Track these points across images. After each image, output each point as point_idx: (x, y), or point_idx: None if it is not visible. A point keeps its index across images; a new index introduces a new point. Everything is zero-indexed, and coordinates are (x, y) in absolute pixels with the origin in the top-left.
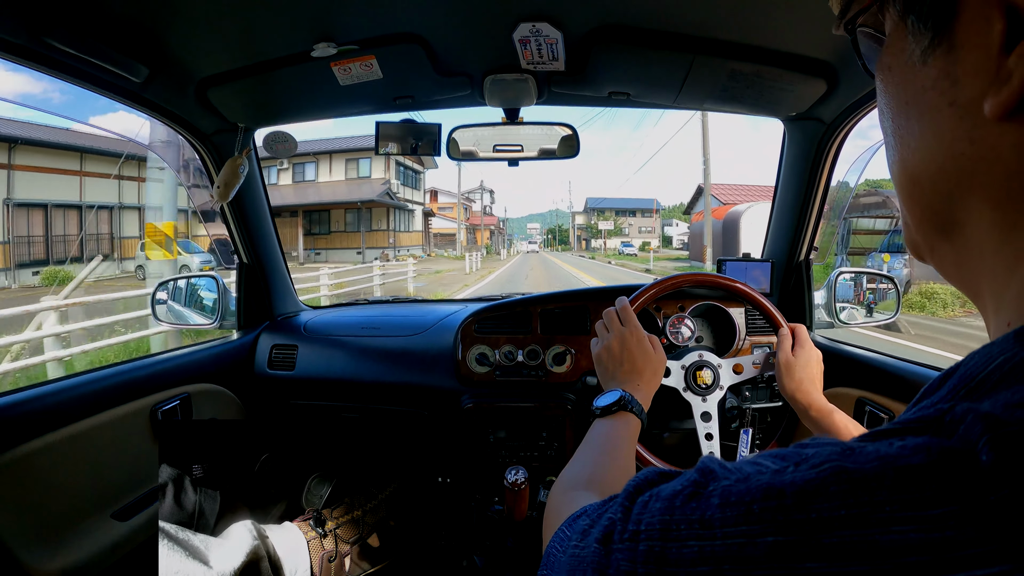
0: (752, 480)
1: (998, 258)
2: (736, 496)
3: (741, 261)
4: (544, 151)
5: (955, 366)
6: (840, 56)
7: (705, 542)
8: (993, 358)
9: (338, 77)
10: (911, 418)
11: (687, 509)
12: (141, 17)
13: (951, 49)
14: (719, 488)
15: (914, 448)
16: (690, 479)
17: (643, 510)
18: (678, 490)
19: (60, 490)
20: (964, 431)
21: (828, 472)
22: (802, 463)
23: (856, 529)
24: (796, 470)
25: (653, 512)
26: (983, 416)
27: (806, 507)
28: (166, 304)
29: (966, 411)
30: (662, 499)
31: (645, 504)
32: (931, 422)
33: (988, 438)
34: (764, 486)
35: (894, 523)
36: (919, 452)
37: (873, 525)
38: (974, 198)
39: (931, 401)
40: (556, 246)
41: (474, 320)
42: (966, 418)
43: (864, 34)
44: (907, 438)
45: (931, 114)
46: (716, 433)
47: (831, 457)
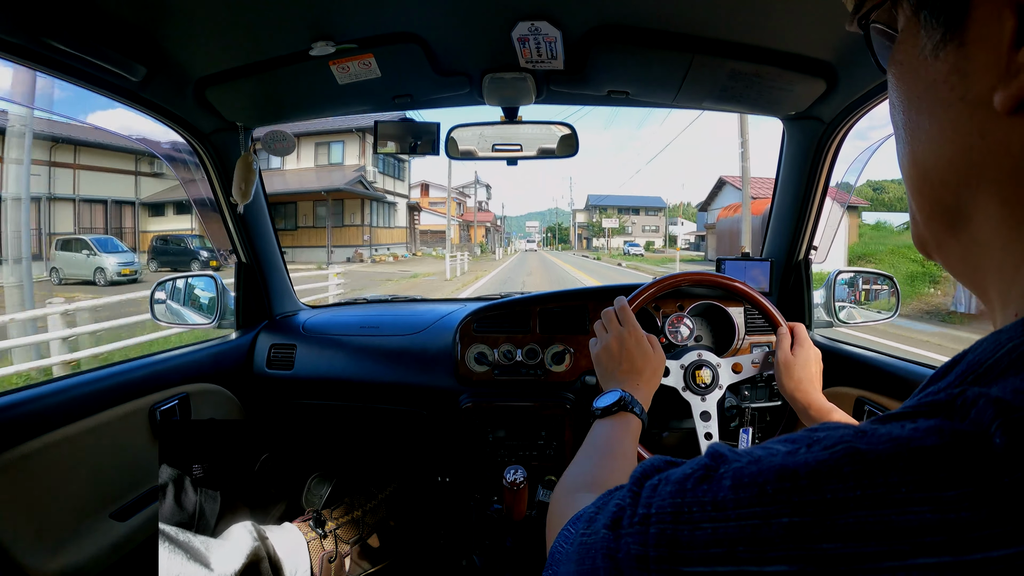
0: (764, 462)
1: (1005, 254)
2: (749, 477)
3: (740, 260)
4: (543, 150)
5: (963, 353)
6: (840, 55)
7: (719, 523)
8: (1001, 345)
9: (336, 76)
10: (921, 402)
11: (699, 491)
12: (139, 17)
13: (962, 44)
14: (731, 470)
15: (927, 430)
16: (700, 463)
17: (652, 494)
18: (688, 473)
19: (58, 490)
20: (976, 415)
21: (841, 453)
22: (814, 444)
23: (871, 509)
24: (808, 451)
25: (663, 495)
26: (995, 401)
27: (820, 488)
28: (165, 304)
29: (977, 395)
30: (672, 482)
31: (655, 488)
32: (942, 405)
33: (1000, 422)
34: (777, 467)
35: (909, 503)
36: (932, 434)
37: (888, 505)
38: (983, 193)
39: (939, 387)
40: (556, 245)
41: (473, 319)
42: (978, 402)
43: (877, 30)
44: (919, 420)
45: (942, 108)
46: (716, 432)
47: (844, 439)
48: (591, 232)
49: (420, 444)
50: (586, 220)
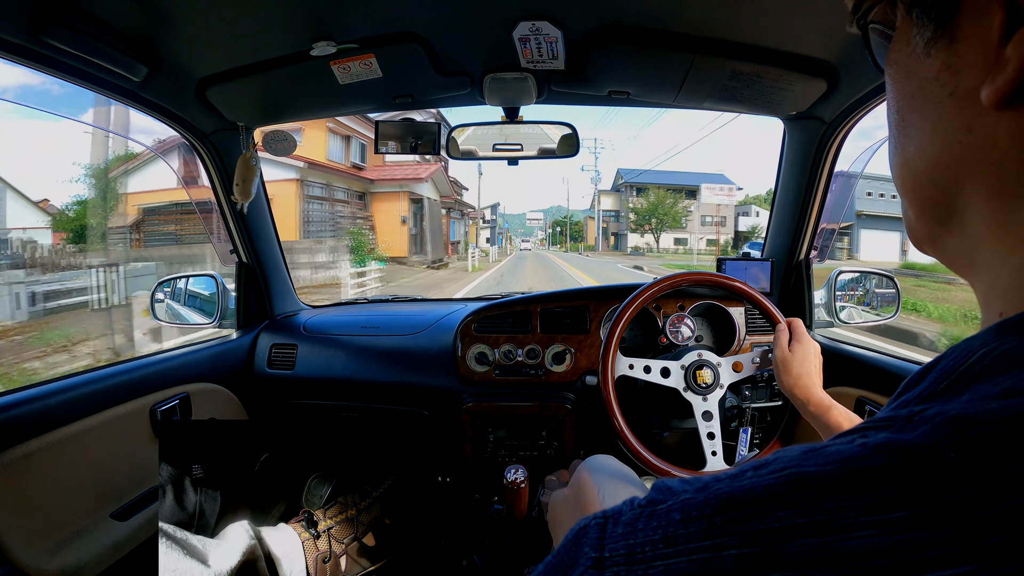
0: (711, 489)
1: (993, 248)
2: (697, 509)
3: (741, 260)
4: (544, 150)
5: (937, 359)
6: (841, 55)
7: (671, 560)
8: (973, 351)
9: (337, 76)
10: (882, 416)
11: (649, 530)
12: (140, 17)
13: (953, 41)
14: (678, 502)
15: (875, 448)
16: (647, 499)
17: (602, 535)
18: (638, 513)
19: (59, 490)
20: (930, 429)
21: (788, 477)
22: (762, 467)
23: (818, 536)
24: (755, 475)
25: (615, 537)
26: (951, 418)
27: (767, 515)
28: (165, 303)
29: (936, 413)
30: (622, 523)
31: (602, 528)
32: (896, 420)
33: (953, 437)
34: (724, 495)
35: (857, 528)
36: (879, 452)
37: (835, 532)
38: (971, 188)
39: (912, 395)
40: (565, 244)
41: (473, 319)
42: (935, 419)
43: (875, 30)
44: (868, 434)
45: (932, 105)
46: (718, 432)
47: (791, 462)
48: (625, 223)
49: (421, 444)
50: (614, 206)
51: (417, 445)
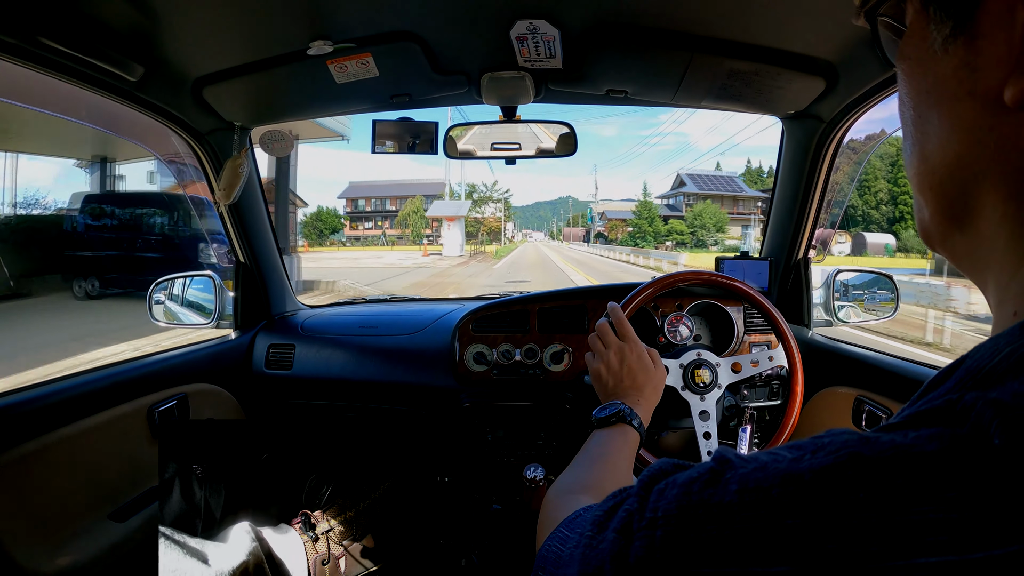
0: (770, 468)
1: (1008, 250)
2: (754, 483)
3: (739, 259)
4: (542, 149)
5: (961, 358)
6: (839, 54)
7: (724, 526)
8: (1000, 350)
9: (334, 75)
10: (920, 410)
11: (705, 495)
12: (137, 16)
13: (973, 38)
14: (737, 476)
15: (928, 437)
16: (707, 467)
17: (659, 498)
18: (695, 477)
19: (57, 491)
20: (975, 418)
21: (845, 457)
22: (819, 451)
23: (875, 510)
24: (813, 457)
25: (670, 499)
26: (993, 403)
27: (825, 490)
28: (163, 304)
29: (975, 399)
30: (679, 486)
31: (661, 492)
32: (941, 412)
33: (999, 423)
34: (783, 472)
35: (912, 504)
36: (933, 440)
37: (891, 506)
38: (989, 188)
39: (938, 393)
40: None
41: (471, 319)
42: (976, 405)
43: (884, 24)
44: (921, 429)
45: (950, 103)
46: (715, 432)
47: (848, 444)
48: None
49: (419, 444)
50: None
51: (415, 445)
